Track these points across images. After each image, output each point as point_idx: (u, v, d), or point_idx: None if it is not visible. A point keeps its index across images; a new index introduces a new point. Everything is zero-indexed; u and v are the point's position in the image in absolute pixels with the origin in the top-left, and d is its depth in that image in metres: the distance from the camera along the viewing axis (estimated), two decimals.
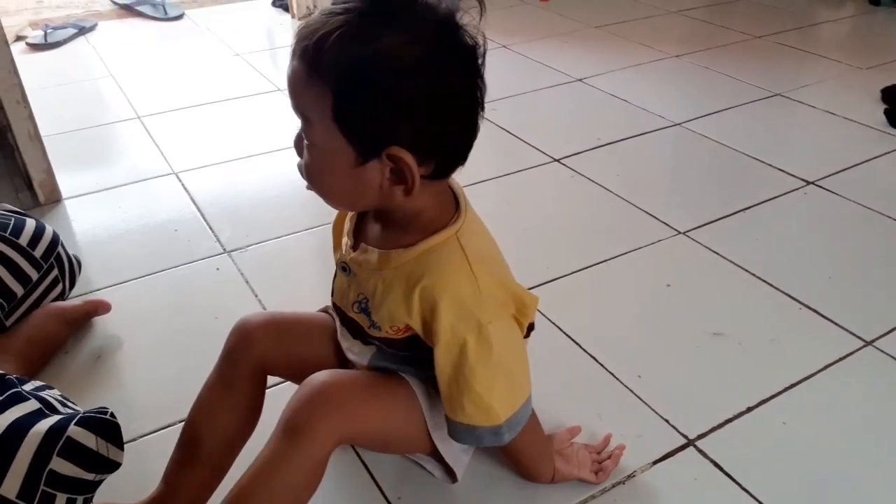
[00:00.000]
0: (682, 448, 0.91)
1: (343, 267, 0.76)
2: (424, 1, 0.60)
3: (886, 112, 1.76)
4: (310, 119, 0.62)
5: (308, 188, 0.66)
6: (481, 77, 0.63)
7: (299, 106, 0.62)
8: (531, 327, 0.82)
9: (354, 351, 0.80)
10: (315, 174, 0.65)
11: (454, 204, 0.71)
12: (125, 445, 0.78)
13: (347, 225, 0.76)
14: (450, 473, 0.83)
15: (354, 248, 0.73)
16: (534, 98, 1.96)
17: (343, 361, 0.83)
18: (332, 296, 0.80)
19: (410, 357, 0.75)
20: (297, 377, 0.88)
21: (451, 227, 0.68)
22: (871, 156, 1.60)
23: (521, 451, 0.82)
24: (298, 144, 0.66)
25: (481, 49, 0.62)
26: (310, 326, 0.85)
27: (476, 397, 0.69)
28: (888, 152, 1.62)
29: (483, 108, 0.64)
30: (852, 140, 1.68)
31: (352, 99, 0.59)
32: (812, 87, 1.97)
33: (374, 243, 0.71)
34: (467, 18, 0.62)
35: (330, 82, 0.59)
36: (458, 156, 0.66)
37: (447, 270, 0.67)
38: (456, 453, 0.81)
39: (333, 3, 0.61)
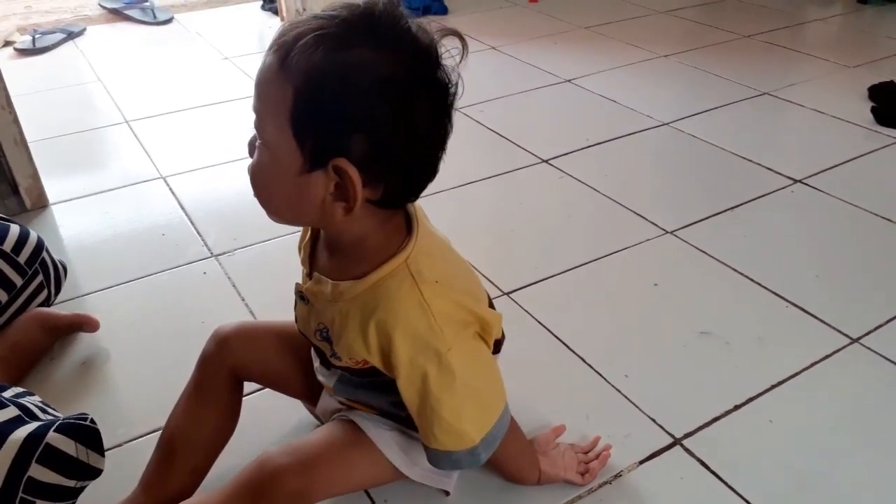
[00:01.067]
0: (669, 447, 0.91)
1: (301, 296, 0.75)
2: (409, 27, 0.59)
3: (873, 110, 1.76)
4: (264, 117, 0.60)
5: (254, 195, 0.64)
6: (449, 118, 0.62)
7: (259, 101, 0.61)
8: (500, 342, 0.81)
9: (322, 373, 0.80)
10: (259, 176, 0.63)
11: (405, 229, 0.69)
12: (112, 451, 0.78)
13: (302, 253, 0.75)
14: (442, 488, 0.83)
15: (310, 276, 0.72)
16: (522, 99, 1.96)
17: (313, 372, 0.83)
18: (296, 322, 0.79)
19: (372, 382, 0.74)
20: (272, 384, 0.89)
21: (399, 254, 0.66)
22: (858, 154, 1.60)
23: (501, 461, 0.81)
24: (252, 145, 0.63)
25: (453, 90, 0.61)
26: (284, 335, 0.85)
27: (446, 425, 0.68)
28: (875, 150, 1.62)
29: (444, 150, 0.63)
30: (840, 138, 1.69)
31: (310, 102, 0.57)
32: (800, 85, 1.98)
33: (327, 273, 0.70)
34: (448, 60, 0.60)
35: (293, 81, 0.57)
36: (410, 190, 0.64)
37: (398, 302, 0.65)
38: (441, 477, 0.81)
39: (323, 9, 0.60)
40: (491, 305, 0.78)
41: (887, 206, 1.39)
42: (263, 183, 0.63)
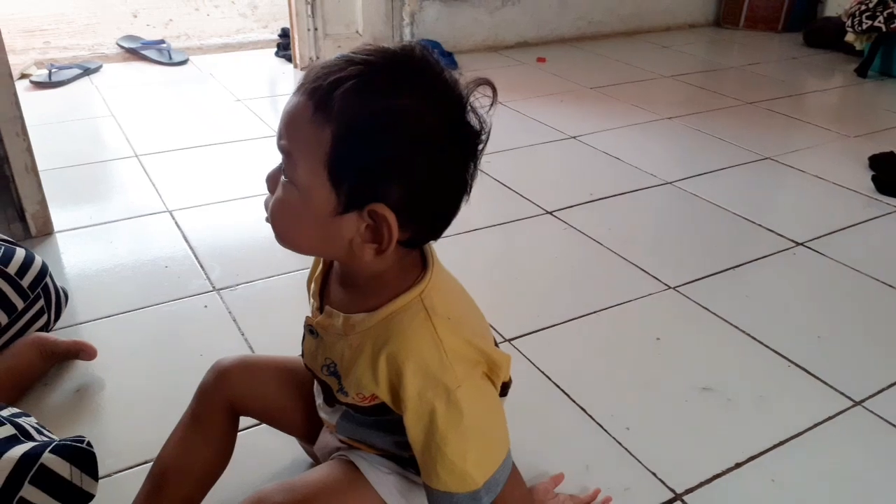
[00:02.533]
0: (670, 502, 0.89)
1: (310, 329, 0.74)
2: (445, 76, 0.60)
3: (874, 179, 1.79)
4: (296, 158, 0.60)
5: (266, 220, 0.64)
6: (476, 164, 0.63)
7: (290, 141, 0.60)
8: (508, 385, 0.81)
9: (325, 409, 0.79)
10: (284, 214, 0.62)
11: (420, 264, 0.69)
12: (100, 481, 0.76)
13: (313, 287, 0.75)
14: None
15: (320, 310, 0.72)
16: (529, 153, 1.99)
17: (314, 411, 0.82)
18: (303, 357, 0.79)
19: (377, 421, 0.73)
20: (270, 420, 0.88)
21: (414, 288, 0.66)
22: (859, 220, 1.62)
23: None
24: (273, 180, 0.63)
25: (485, 137, 0.62)
26: (284, 371, 0.85)
27: (450, 464, 0.67)
28: (875, 217, 1.64)
29: (469, 194, 0.64)
30: (841, 204, 1.71)
31: (351, 148, 0.58)
32: (802, 152, 2.01)
33: (338, 306, 0.70)
34: (478, 102, 0.62)
35: (332, 127, 0.57)
36: (435, 231, 0.65)
37: (410, 335, 0.65)
38: None
39: (353, 52, 0.61)
40: None
41: (889, 273, 1.40)
42: (288, 220, 0.63)
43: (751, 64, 2.89)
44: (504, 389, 0.79)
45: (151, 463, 0.81)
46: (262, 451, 0.93)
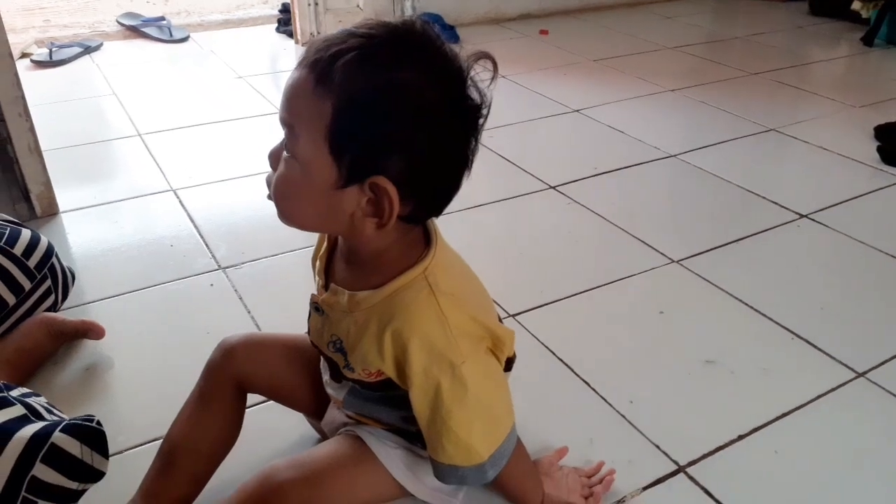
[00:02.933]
0: (673, 474, 0.90)
1: (316, 307, 0.75)
2: (445, 50, 0.60)
3: (879, 149, 1.78)
4: (297, 131, 0.60)
5: (268, 197, 0.64)
6: (477, 139, 0.63)
7: (291, 114, 0.60)
8: (512, 360, 0.81)
9: (332, 385, 0.80)
10: (286, 189, 0.62)
11: (423, 241, 0.69)
12: (111, 458, 0.77)
13: (318, 264, 0.75)
14: None
15: (325, 287, 0.73)
16: (532, 127, 1.98)
17: (320, 387, 0.84)
18: (309, 335, 0.79)
19: (383, 397, 0.74)
20: (277, 397, 0.89)
21: (418, 265, 0.66)
22: (863, 191, 1.61)
23: (506, 481, 0.81)
24: (276, 156, 0.63)
25: (485, 111, 0.62)
26: (291, 348, 0.86)
27: (455, 438, 0.68)
28: (881, 188, 1.63)
29: (470, 169, 0.64)
30: (846, 175, 1.70)
31: (352, 120, 0.58)
32: (806, 123, 1.99)
33: (343, 284, 0.70)
34: (478, 76, 0.61)
35: (333, 99, 0.57)
36: (435, 206, 0.65)
37: (415, 311, 0.65)
38: (446, 496, 0.81)
39: (355, 26, 0.60)
40: None
41: (894, 244, 1.40)
42: (290, 195, 0.63)
43: (755, 34, 2.85)
44: (508, 364, 0.79)
45: (161, 440, 0.82)
46: (270, 427, 0.95)
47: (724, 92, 2.22)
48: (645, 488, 0.88)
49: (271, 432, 0.95)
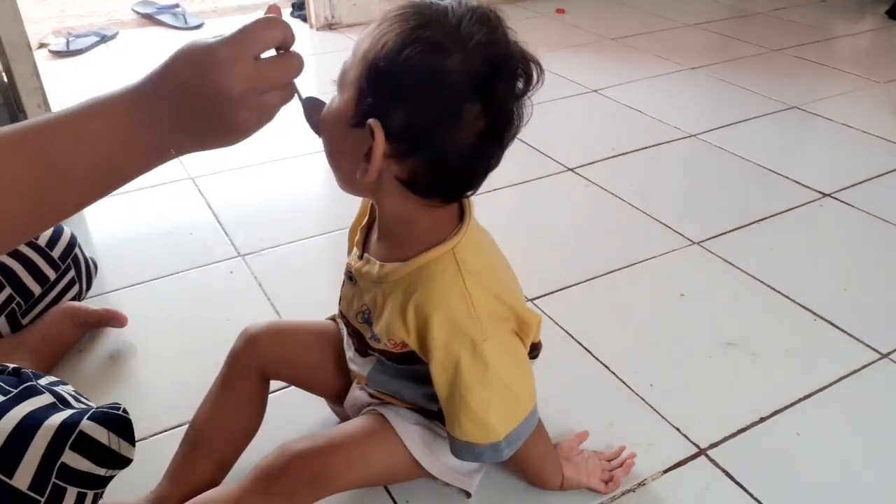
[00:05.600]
0: (694, 457, 0.90)
1: (349, 276, 0.77)
2: (497, 38, 0.62)
3: None
4: (352, 64, 0.63)
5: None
6: (501, 145, 0.66)
7: (353, 53, 0.63)
8: (538, 347, 0.82)
9: (356, 362, 0.81)
10: (327, 114, 0.66)
11: (457, 219, 0.70)
12: (137, 443, 0.78)
13: (358, 235, 0.77)
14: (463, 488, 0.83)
15: (361, 258, 0.75)
16: (549, 108, 1.97)
17: (342, 371, 0.85)
18: (340, 304, 0.81)
19: (408, 371, 0.75)
20: (299, 383, 0.90)
21: (447, 241, 0.68)
22: (887, 169, 1.59)
23: (524, 462, 0.81)
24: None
25: (517, 124, 0.66)
26: (312, 334, 0.87)
27: (473, 415, 0.69)
28: None
29: (488, 171, 0.67)
30: (869, 153, 1.67)
31: (382, 63, 0.59)
32: (829, 100, 1.96)
33: (376, 255, 0.72)
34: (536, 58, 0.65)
35: (381, 45, 0.60)
36: (438, 187, 0.65)
37: (440, 286, 0.67)
38: (462, 477, 0.81)
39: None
40: None
41: None
42: (327, 124, 0.66)
43: (777, 9, 2.80)
44: (534, 351, 0.80)
45: (186, 426, 0.84)
46: (293, 412, 0.96)
47: (745, 69, 2.19)
48: (665, 471, 0.88)
49: (293, 417, 0.96)
